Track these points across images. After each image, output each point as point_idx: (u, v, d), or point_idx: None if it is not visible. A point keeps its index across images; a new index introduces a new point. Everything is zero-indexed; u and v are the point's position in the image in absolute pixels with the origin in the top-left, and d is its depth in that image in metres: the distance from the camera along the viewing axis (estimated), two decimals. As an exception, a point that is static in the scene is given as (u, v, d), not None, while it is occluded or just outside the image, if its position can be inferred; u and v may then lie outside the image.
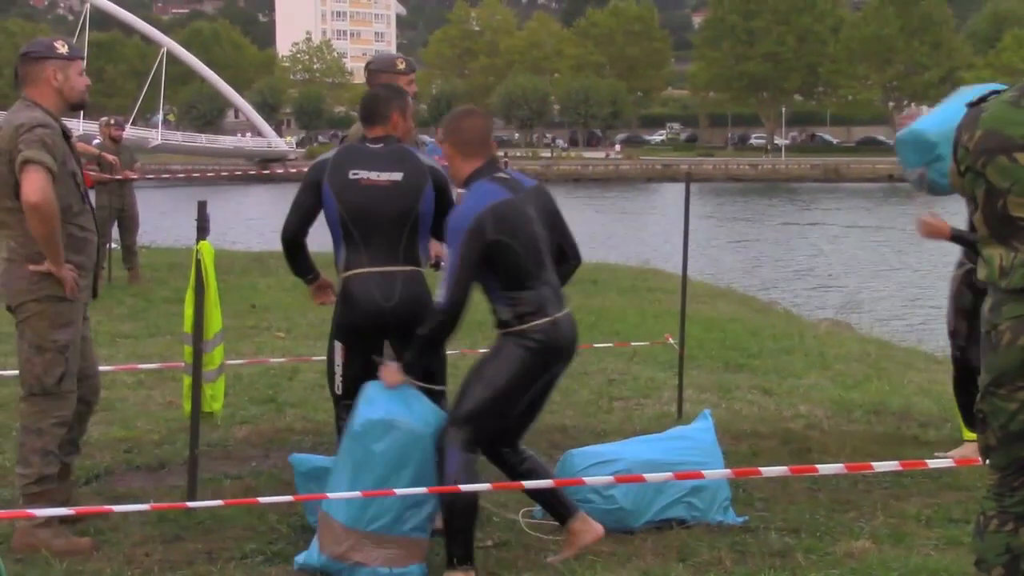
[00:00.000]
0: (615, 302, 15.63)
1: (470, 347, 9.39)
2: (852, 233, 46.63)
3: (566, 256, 5.59)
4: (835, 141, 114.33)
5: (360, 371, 5.74)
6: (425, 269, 5.84)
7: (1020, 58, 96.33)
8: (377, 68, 6.78)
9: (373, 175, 5.72)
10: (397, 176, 5.71)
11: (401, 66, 6.81)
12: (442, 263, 5.30)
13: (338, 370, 5.88)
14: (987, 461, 4.25)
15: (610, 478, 5.79)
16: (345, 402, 5.82)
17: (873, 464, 6.28)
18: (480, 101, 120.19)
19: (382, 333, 5.75)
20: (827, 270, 35.27)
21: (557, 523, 6.06)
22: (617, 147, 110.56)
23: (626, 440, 6.74)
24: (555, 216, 5.49)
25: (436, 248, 5.98)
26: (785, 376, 10.85)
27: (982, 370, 4.18)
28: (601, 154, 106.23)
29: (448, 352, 6.00)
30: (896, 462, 6.23)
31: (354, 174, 5.74)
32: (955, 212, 7.47)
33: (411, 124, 6.04)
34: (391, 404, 5.30)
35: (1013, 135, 3.96)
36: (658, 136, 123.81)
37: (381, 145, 5.76)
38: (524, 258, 5.19)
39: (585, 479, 5.86)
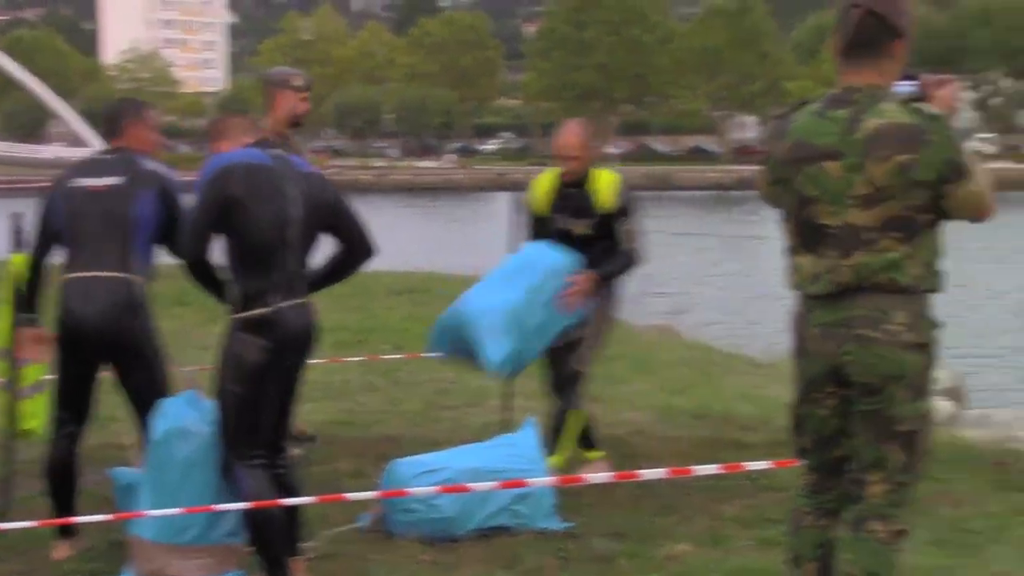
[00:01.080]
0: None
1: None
2: (679, 240, 47.37)
3: (352, 248, 5.45)
4: (665, 150, 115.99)
5: (66, 382, 5.76)
6: (142, 278, 5.74)
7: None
8: (271, 81, 6.90)
9: (92, 181, 5.76)
10: (114, 180, 5.74)
11: (297, 82, 6.91)
12: None
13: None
14: (803, 462, 4.35)
15: (435, 488, 5.81)
16: (54, 413, 5.88)
17: (694, 468, 6.42)
18: (313, 111, 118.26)
19: (83, 341, 5.66)
20: (655, 276, 35.73)
21: (385, 534, 6.07)
22: (451, 156, 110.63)
23: (452, 449, 6.75)
24: (333, 206, 5.32)
25: None
26: (612, 383, 10.96)
27: (794, 376, 4.27)
28: (434, 163, 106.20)
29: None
30: (716, 466, 6.36)
31: (75, 182, 5.79)
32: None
33: (153, 136, 6.06)
34: (182, 410, 5.29)
35: (819, 144, 4.06)
36: (491, 145, 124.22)
37: (111, 155, 5.82)
38: (263, 231, 5.01)
39: (411, 489, 5.86)
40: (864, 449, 4.13)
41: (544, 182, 7.32)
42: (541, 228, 7.30)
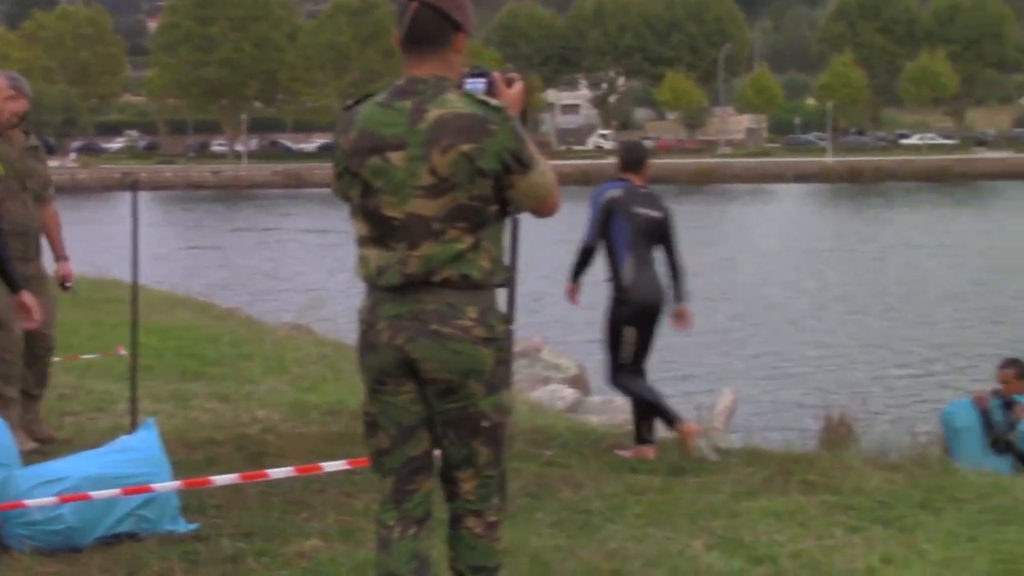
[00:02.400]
0: (68, 315, 15.08)
1: None
2: (311, 237, 47.40)
3: None
4: (296, 147, 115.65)
5: None
6: None
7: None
8: None
9: None
10: None
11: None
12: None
13: None
14: (380, 468, 4.23)
15: (55, 499, 5.62)
16: None
17: (322, 464, 6.45)
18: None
19: None
20: (288, 274, 35.71)
21: (1, 548, 5.83)
22: (72, 155, 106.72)
23: (71, 456, 6.53)
24: None
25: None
26: (243, 382, 10.89)
27: (364, 372, 4.19)
28: (55, 163, 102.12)
29: None
30: (344, 461, 6.41)
31: None
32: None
33: None
34: None
35: (385, 135, 4.06)
36: (117, 144, 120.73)
37: None
38: None
39: (28, 501, 5.65)
40: (452, 449, 4.15)
41: None
42: None
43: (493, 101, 4.08)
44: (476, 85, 4.20)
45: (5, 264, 6.97)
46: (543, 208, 4.21)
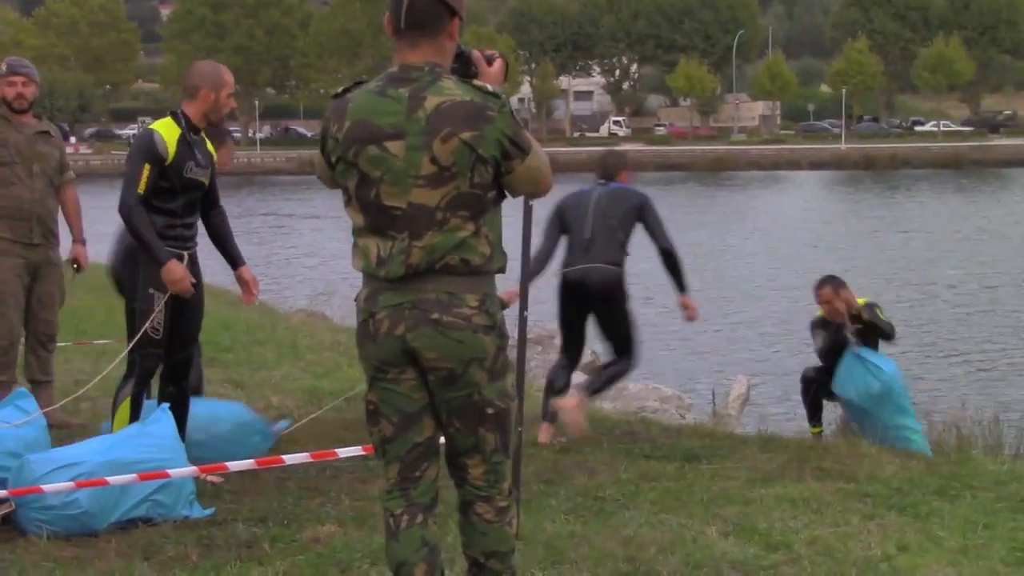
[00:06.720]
0: (84, 301, 15.13)
1: None
2: (321, 224, 47.42)
3: None
4: (309, 134, 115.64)
5: None
6: None
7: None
8: None
9: None
10: None
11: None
12: None
13: None
14: (385, 455, 4.22)
15: (71, 484, 5.63)
16: None
17: (337, 451, 6.45)
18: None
19: None
20: (302, 261, 35.74)
21: (17, 532, 5.84)
22: (72, 139, 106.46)
23: (87, 440, 6.55)
24: None
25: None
26: (257, 368, 10.89)
27: (364, 362, 4.16)
28: (69, 149, 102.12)
29: None
30: (359, 447, 6.41)
31: None
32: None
33: None
34: None
35: (382, 124, 4.01)
36: (131, 130, 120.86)
37: None
38: None
39: (44, 487, 5.67)
40: (458, 437, 4.14)
41: (171, 129, 6.59)
42: (171, 179, 6.60)
43: (489, 87, 4.04)
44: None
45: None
46: (537, 191, 4.21)
